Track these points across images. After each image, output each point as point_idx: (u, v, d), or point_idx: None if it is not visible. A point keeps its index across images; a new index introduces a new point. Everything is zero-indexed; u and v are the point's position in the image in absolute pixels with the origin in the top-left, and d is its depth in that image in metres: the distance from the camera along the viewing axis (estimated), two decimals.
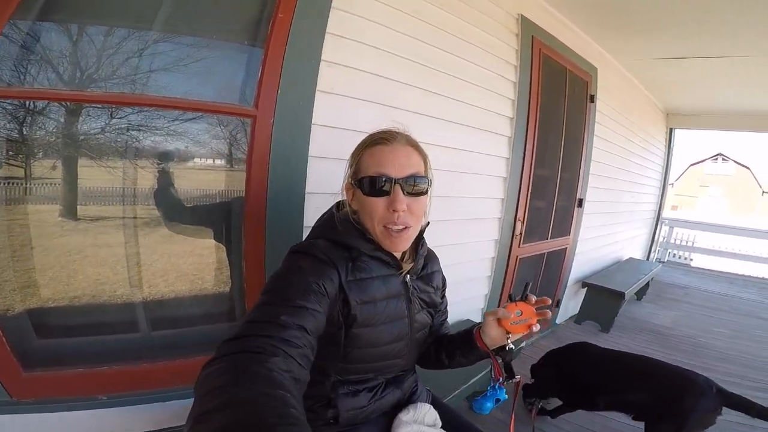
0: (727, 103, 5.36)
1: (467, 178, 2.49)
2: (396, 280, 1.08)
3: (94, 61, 1.32)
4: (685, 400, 1.90)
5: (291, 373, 0.68)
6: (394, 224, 0.97)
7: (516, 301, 1.03)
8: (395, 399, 1.16)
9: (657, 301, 5.25)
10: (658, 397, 1.97)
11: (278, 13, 1.46)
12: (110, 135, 1.39)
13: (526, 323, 1.00)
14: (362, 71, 1.78)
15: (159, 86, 1.39)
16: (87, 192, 1.42)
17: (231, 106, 1.51)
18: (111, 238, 1.46)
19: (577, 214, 3.86)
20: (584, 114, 3.65)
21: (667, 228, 8.13)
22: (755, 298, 5.79)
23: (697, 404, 1.89)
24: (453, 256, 2.46)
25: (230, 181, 1.63)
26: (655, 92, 5.29)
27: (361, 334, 0.99)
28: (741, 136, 33.13)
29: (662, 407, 1.94)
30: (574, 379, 2.28)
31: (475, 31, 2.32)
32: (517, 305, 1.02)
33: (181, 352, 1.53)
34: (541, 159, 3.08)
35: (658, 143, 6.14)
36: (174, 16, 1.39)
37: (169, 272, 1.58)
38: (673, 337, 4.05)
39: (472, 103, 2.40)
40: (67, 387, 1.35)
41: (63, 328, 1.43)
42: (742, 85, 4.43)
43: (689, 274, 7.19)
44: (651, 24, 3.08)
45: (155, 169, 1.47)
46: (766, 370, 3.36)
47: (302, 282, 0.88)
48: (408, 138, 1.03)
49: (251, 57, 1.53)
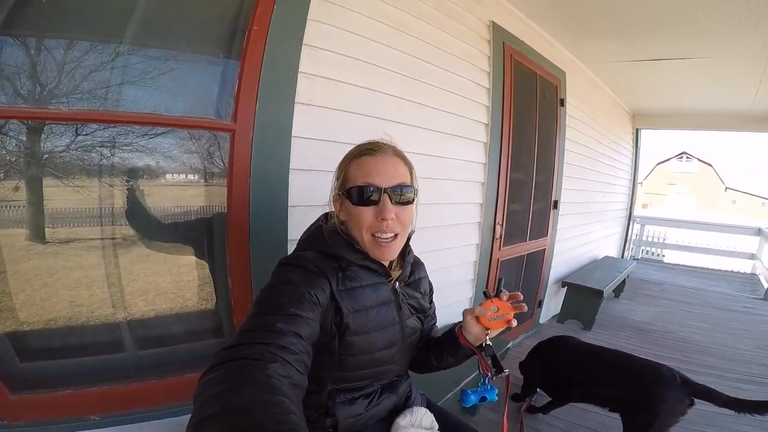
0: (689, 103, 5.57)
1: (447, 184, 2.51)
2: (385, 287, 1.09)
3: (71, 75, 1.28)
4: (653, 392, 1.97)
5: (290, 378, 0.69)
6: (382, 232, 0.99)
7: (491, 298, 1.06)
8: (391, 404, 1.17)
9: (634, 298, 5.37)
10: (629, 390, 2.04)
11: (253, 26, 1.45)
12: (76, 153, 1.33)
13: (503, 318, 1.04)
14: (341, 82, 1.78)
15: (134, 101, 1.36)
16: (55, 213, 1.37)
17: (209, 120, 1.50)
18: (83, 260, 1.42)
19: (553, 216, 3.94)
20: (555, 118, 3.74)
21: (638, 226, 8.34)
22: (726, 291, 5.97)
23: (664, 395, 1.95)
24: (437, 261, 2.47)
25: (209, 197, 1.60)
26: (621, 94, 5.46)
27: (355, 341, 1.00)
28: (703, 134, 34.43)
29: (633, 399, 2.01)
30: (556, 371, 2.39)
31: (449, 39, 2.36)
32: (492, 302, 1.05)
33: (171, 370, 1.51)
34: (516, 163, 3.13)
35: (626, 144, 6.33)
36: (147, 30, 1.36)
37: (149, 291, 1.54)
38: (654, 332, 4.14)
39: (450, 111, 2.43)
40: (58, 409, 1.33)
41: (45, 350, 1.39)
42: (703, 86, 4.61)
43: (663, 269, 7.39)
44: (615, 28, 3.18)
45: (128, 187, 1.43)
46: (744, 362, 3.46)
47: (294, 292, 0.88)
48: (394, 149, 1.06)
49: (227, 70, 1.51)
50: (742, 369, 3.31)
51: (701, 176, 48.01)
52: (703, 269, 7.50)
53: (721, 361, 3.46)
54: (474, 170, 2.74)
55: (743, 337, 4.06)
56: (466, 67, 2.52)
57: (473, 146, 2.69)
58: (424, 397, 1.34)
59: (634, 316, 4.62)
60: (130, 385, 1.43)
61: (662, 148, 50.28)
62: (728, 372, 3.24)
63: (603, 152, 5.22)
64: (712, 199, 47.04)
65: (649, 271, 7.12)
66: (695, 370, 3.21)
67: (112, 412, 1.39)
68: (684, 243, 8.54)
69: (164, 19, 1.42)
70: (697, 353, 3.61)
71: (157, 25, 1.40)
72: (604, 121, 5.14)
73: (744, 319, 4.64)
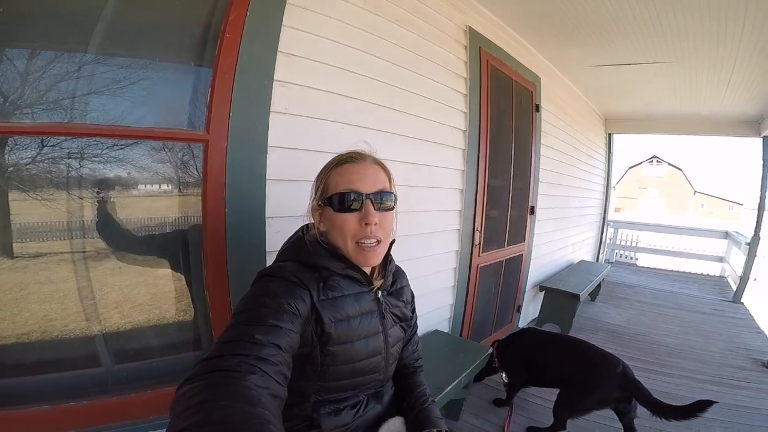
0: (659, 108, 5.72)
1: (426, 192, 2.51)
2: (368, 296, 1.09)
3: (34, 85, 1.22)
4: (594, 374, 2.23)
5: (269, 390, 0.69)
6: (366, 238, 1.00)
7: None
8: (377, 414, 1.17)
9: (609, 301, 5.47)
10: (578, 369, 2.30)
11: (225, 34, 1.41)
12: (43, 165, 1.27)
13: None
14: (317, 90, 1.75)
15: (102, 112, 1.30)
16: (23, 228, 1.31)
17: (181, 131, 1.45)
18: (54, 273, 1.35)
19: (530, 221, 3.98)
20: (531, 123, 3.78)
21: (612, 230, 8.50)
22: (696, 293, 6.11)
23: (599, 381, 2.20)
24: (417, 269, 2.47)
25: (184, 207, 1.55)
26: (594, 99, 5.58)
27: (337, 351, 1.00)
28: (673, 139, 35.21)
29: (577, 378, 2.29)
30: (531, 360, 2.57)
31: (426, 44, 2.36)
32: None
33: (150, 384, 1.46)
34: (494, 170, 3.16)
35: (599, 148, 6.46)
36: (113, 39, 1.31)
37: (123, 304, 1.48)
38: (628, 335, 4.22)
39: (428, 117, 2.43)
40: (34, 425, 1.28)
41: (18, 366, 1.33)
42: (672, 91, 4.73)
43: (636, 273, 7.53)
44: (588, 33, 3.24)
45: (98, 199, 1.38)
46: (714, 364, 3.54)
47: (274, 303, 0.88)
48: (374, 158, 1.08)
49: (199, 80, 1.47)
50: (712, 371, 3.38)
51: (671, 180, 49.44)
52: (675, 272, 7.68)
53: (692, 363, 3.53)
54: (452, 177, 2.74)
55: (713, 339, 4.16)
56: (443, 73, 2.53)
57: (451, 153, 2.70)
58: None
59: (608, 319, 4.71)
60: (109, 400, 1.38)
61: (634, 151, 51.68)
62: (699, 374, 3.31)
63: (578, 157, 5.31)
64: (682, 202, 48.45)
65: (623, 274, 7.27)
66: (667, 372, 3.30)
67: (93, 426, 1.34)
68: (656, 246, 8.73)
69: (131, 27, 1.37)
70: (668, 356, 3.68)
71: (124, 33, 1.35)
72: (579, 126, 5.24)
73: (714, 321, 4.75)
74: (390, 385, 1.25)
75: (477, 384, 2.88)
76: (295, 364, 0.86)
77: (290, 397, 0.80)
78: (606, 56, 3.77)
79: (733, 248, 7.14)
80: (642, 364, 3.45)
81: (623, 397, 2.15)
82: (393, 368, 1.20)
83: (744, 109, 5.13)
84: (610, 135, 6.93)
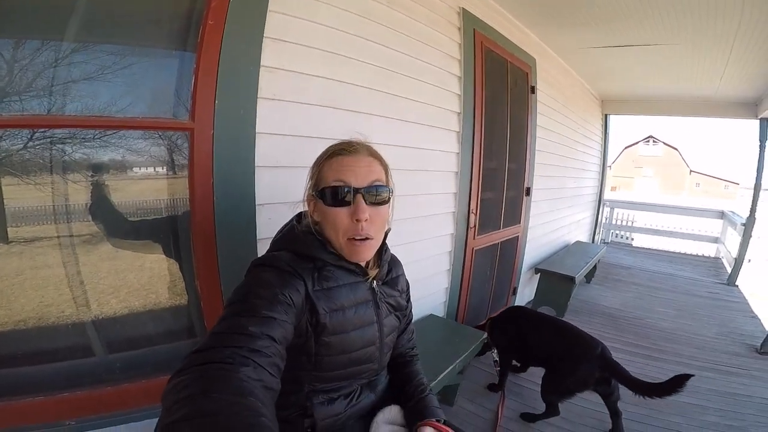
0: (655, 89, 5.66)
1: (421, 175, 2.49)
2: (363, 286, 1.08)
3: (14, 75, 1.20)
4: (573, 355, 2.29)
5: (262, 382, 0.68)
6: (357, 235, 0.98)
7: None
8: (371, 403, 1.18)
9: (604, 283, 5.47)
10: (562, 353, 2.35)
11: (208, 20, 1.37)
12: (35, 151, 1.27)
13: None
14: (307, 75, 1.72)
15: (82, 101, 1.27)
16: (17, 213, 1.31)
17: (165, 120, 1.42)
18: (50, 258, 1.35)
19: (526, 203, 3.97)
20: (526, 105, 3.74)
21: (608, 209, 8.48)
22: (691, 275, 6.11)
23: (579, 363, 2.26)
24: (413, 253, 2.48)
25: (174, 192, 1.53)
26: (590, 80, 5.52)
27: (332, 341, 0.99)
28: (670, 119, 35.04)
29: (560, 357, 2.35)
30: (521, 338, 2.62)
31: (418, 26, 2.31)
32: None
33: (144, 373, 1.48)
34: (489, 151, 3.13)
35: (595, 129, 6.42)
36: (91, 27, 1.27)
37: (120, 290, 1.49)
38: (623, 319, 4.21)
39: (421, 100, 2.40)
40: (29, 415, 1.29)
41: (12, 357, 1.33)
42: (668, 72, 4.67)
43: (632, 253, 7.53)
44: (583, 15, 3.18)
45: (88, 183, 1.37)
46: (710, 350, 3.53)
47: (267, 293, 0.87)
48: (369, 148, 1.04)
49: (183, 68, 1.43)
50: (707, 356, 3.38)
51: (667, 160, 49.47)
52: (670, 253, 7.68)
53: (687, 349, 3.53)
54: (447, 160, 2.72)
55: (708, 324, 4.15)
56: (436, 55, 2.49)
57: (446, 136, 2.67)
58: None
59: (604, 302, 4.70)
60: (104, 389, 1.39)
61: (630, 131, 51.64)
62: (694, 360, 3.31)
63: (574, 138, 5.28)
64: (677, 181, 48.56)
65: (619, 255, 7.26)
66: (663, 359, 3.30)
67: (88, 415, 1.36)
68: (651, 226, 8.71)
69: (110, 14, 1.33)
70: (664, 340, 3.68)
71: (102, 20, 1.31)
72: (575, 108, 5.19)
73: (709, 305, 4.74)
74: (384, 374, 1.25)
75: (472, 369, 2.90)
76: (289, 353, 0.86)
77: (285, 386, 0.79)
78: (603, 38, 3.70)
79: (729, 228, 7.12)
80: (638, 349, 3.47)
81: (603, 378, 2.20)
82: (387, 358, 1.20)
83: (741, 91, 5.07)
84: (606, 116, 6.88)
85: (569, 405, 2.43)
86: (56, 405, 1.31)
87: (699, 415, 2.50)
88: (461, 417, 2.44)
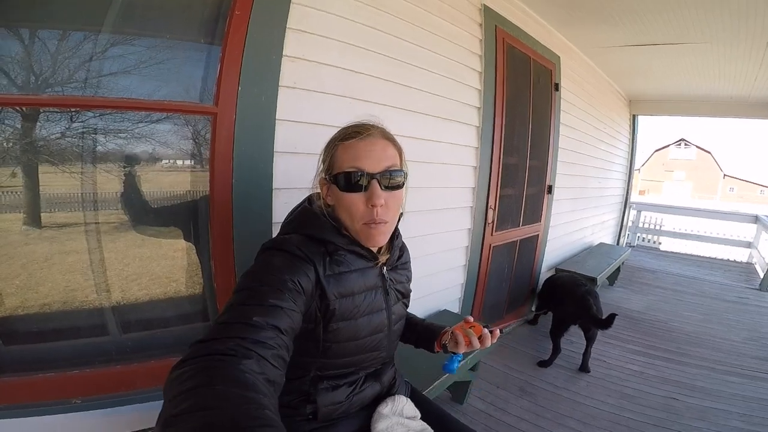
0: (687, 89, 5.50)
1: (437, 168, 2.50)
2: (373, 272, 1.07)
3: (48, 65, 1.27)
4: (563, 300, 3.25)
5: (264, 375, 0.66)
6: (373, 220, 0.96)
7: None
8: (374, 392, 1.16)
9: (628, 286, 5.34)
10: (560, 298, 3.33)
11: (235, 11, 1.43)
12: (71, 140, 1.34)
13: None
14: (326, 65, 1.76)
15: (116, 88, 1.35)
16: (51, 199, 1.37)
17: (190, 104, 1.48)
18: (79, 244, 1.41)
19: (547, 201, 3.93)
20: (550, 102, 3.71)
21: (635, 212, 8.27)
22: (721, 280, 5.89)
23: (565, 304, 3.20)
24: (428, 246, 2.49)
25: (196, 181, 1.59)
26: (618, 79, 5.42)
27: (341, 328, 0.98)
28: (702, 121, 33.98)
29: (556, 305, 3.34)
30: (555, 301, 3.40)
31: (439, 22, 2.33)
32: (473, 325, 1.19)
33: (153, 354, 1.52)
34: (509, 147, 3.12)
35: (622, 130, 6.29)
36: (126, 17, 1.35)
37: (142, 275, 1.55)
38: (646, 321, 4.12)
39: (439, 94, 2.41)
40: (38, 391, 1.33)
41: (29, 334, 1.39)
42: (701, 72, 4.55)
43: (658, 257, 7.32)
44: (611, 13, 3.14)
45: (120, 173, 1.43)
46: (735, 354, 3.43)
47: (276, 280, 0.84)
48: (383, 131, 1.02)
49: (210, 55, 1.50)
50: (733, 361, 3.29)
51: (699, 163, 48.01)
52: (699, 257, 7.42)
53: (713, 353, 3.43)
54: (466, 154, 2.73)
55: (736, 329, 4.02)
56: (456, 51, 2.50)
57: (465, 130, 2.68)
58: (408, 386, 1.34)
59: (627, 304, 4.60)
60: (114, 368, 1.44)
61: (660, 134, 50.23)
62: (719, 364, 3.22)
63: (599, 137, 5.19)
64: (710, 186, 47.07)
65: (645, 258, 7.08)
66: (686, 362, 3.23)
67: (94, 395, 1.40)
68: (680, 230, 8.46)
69: (144, 6, 1.41)
70: (688, 344, 3.59)
71: (136, 12, 1.38)
72: (600, 107, 5.11)
73: (738, 310, 4.59)
74: (391, 364, 1.24)
75: (484, 366, 2.88)
76: (296, 340, 0.84)
77: (291, 372, 0.77)
78: (631, 36, 3.64)
79: (763, 233, 6.88)
80: (659, 352, 3.40)
81: (579, 314, 3.01)
82: (395, 346, 1.20)
83: None
84: (634, 116, 6.74)
85: (583, 407, 2.45)
86: (65, 381, 1.36)
87: (722, 420, 2.44)
88: (472, 416, 2.41)
